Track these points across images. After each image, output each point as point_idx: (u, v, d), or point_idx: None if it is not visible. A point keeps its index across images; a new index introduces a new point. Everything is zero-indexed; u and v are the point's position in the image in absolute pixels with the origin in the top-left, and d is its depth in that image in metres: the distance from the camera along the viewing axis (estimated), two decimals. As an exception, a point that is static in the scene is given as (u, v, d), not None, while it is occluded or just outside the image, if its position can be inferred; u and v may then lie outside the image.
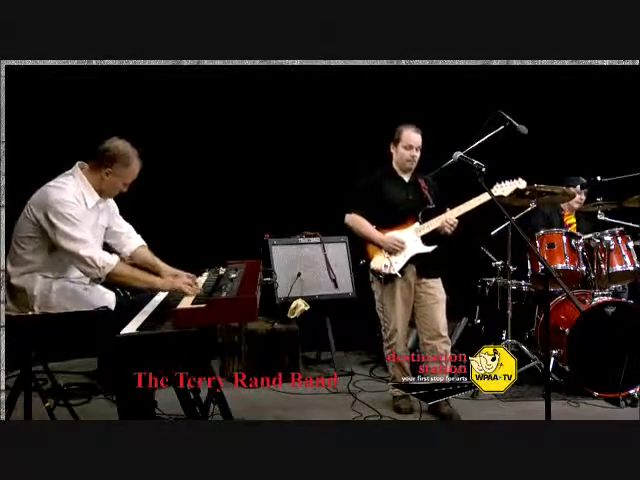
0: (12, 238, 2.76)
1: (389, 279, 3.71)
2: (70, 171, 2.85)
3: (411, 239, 3.71)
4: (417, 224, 3.73)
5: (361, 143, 4.89)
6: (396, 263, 3.69)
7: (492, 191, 3.58)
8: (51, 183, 2.78)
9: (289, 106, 4.92)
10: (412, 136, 3.72)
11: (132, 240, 3.07)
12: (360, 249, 3.85)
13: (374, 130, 4.88)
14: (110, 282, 2.78)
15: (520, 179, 3.75)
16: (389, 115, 4.87)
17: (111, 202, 3.04)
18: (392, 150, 3.82)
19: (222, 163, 4.90)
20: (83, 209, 2.77)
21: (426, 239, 3.71)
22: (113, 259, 2.72)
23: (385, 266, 3.68)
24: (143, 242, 3.11)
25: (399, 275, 3.68)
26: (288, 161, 4.96)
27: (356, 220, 3.78)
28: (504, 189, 3.70)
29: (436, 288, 3.77)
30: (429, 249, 3.70)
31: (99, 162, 2.82)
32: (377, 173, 3.85)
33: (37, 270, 2.74)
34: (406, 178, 3.82)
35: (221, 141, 4.93)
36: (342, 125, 4.99)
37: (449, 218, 3.65)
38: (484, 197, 3.57)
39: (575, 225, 4.69)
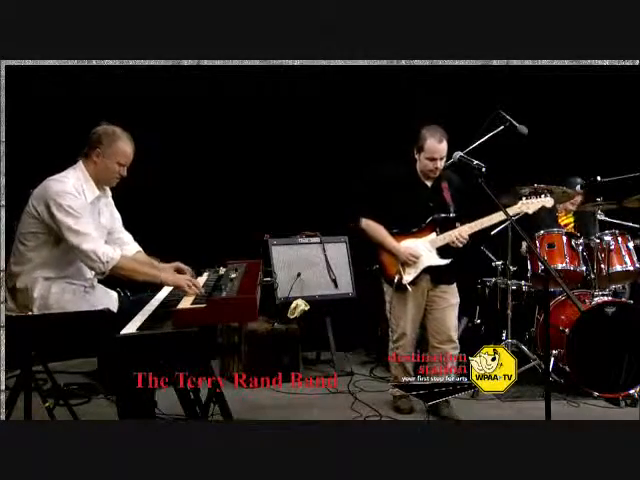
0: (15, 236, 2.77)
1: (402, 287, 3.63)
2: (73, 166, 2.88)
3: (426, 250, 3.61)
4: (434, 235, 3.61)
5: (360, 143, 4.90)
6: (408, 274, 3.61)
7: (517, 206, 3.54)
8: (52, 177, 2.80)
9: (289, 106, 4.92)
10: (436, 147, 3.51)
11: (130, 247, 3.09)
12: (372, 253, 3.74)
13: (374, 130, 4.90)
14: (114, 275, 2.77)
15: (549, 197, 3.59)
16: (389, 115, 4.89)
17: (114, 208, 3.07)
18: (415, 156, 3.63)
19: (222, 163, 4.90)
20: (83, 201, 2.77)
21: (441, 250, 3.61)
22: (116, 253, 2.73)
23: (398, 274, 3.62)
24: (140, 248, 3.14)
25: (409, 288, 3.61)
26: (288, 161, 4.96)
27: (372, 226, 3.66)
28: (529, 206, 3.56)
29: (450, 292, 3.70)
30: (443, 262, 3.61)
31: (88, 146, 2.86)
32: (398, 174, 3.69)
33: (39, 267, 2.74)
34: (429, 183, 3.67)
35: (221, 141, 4.93)
36: (342, 125, 4.99)
37: (460, 235, 3.54)
38: (498, 217, 3.47)
39: (572, 225, 4.70)
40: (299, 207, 4.88)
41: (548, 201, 3.59)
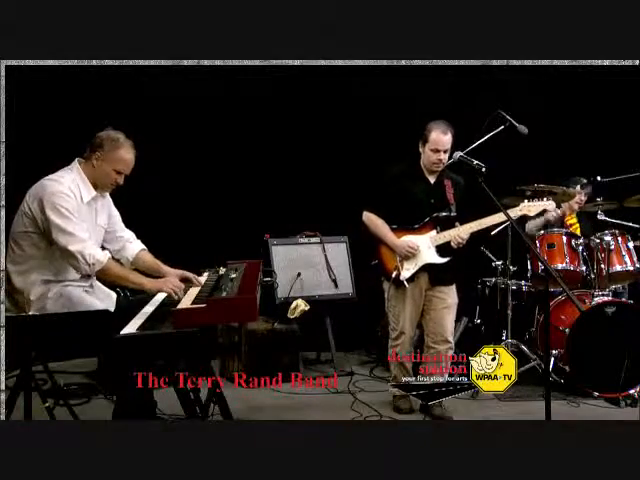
0: (9, 237, 2.75)
1: (399, 283, 3.64)
2: (69, 166, 2.87)
3: (425, 247, 3.60)
4: (434, 232, 3.61)
5: (361, 143, 4.90)
6: (406, 270, 3.61)
7: (519, 209, 3.54)
8: (48, 176, 2.80)
9: (289, 106, 4.92)
10: (440, 139, 3.54)
11: (133, 245, 3.08)
12: (372, 249, 3.74)
13: (374, 130, 4.90)
14: (101, 278, 2.80)
15: (551, 201, 3.60)
16: (389, 115, 4.89)
17: (112, 207, 3.06)
18: (420, 149, 3.65)
19: (222, 163, 4.90)
20: (78, 202, 2.77)
21: (441, 248, 3.60)
22: (104, 257, 2.73)
23: (396, 269, 3.62)
24: (144, 246, 3.11)
25: (406, 284, 3.61)
26: (288, 161, 4.96)
27: (372, 220, 3.68)
28: (531, 209, 3.57)
29: (448, 293, 3.70)
30: (441, 260, 3.61)
31: (90, 149, 2.85)
32: (402, 169, 3.71)
33: (36, 268, 2.73)
34: (432, 179, 3.68)
35: (221, 141, 4.93)
36: (342, 125, 4.99)
37: (459, 235, 3.54)
38: (498, 218, 3.48)
39: (577, 225, 4.69)
40: (299, 207, 4.88)
41: (550, 204, 3.61)
